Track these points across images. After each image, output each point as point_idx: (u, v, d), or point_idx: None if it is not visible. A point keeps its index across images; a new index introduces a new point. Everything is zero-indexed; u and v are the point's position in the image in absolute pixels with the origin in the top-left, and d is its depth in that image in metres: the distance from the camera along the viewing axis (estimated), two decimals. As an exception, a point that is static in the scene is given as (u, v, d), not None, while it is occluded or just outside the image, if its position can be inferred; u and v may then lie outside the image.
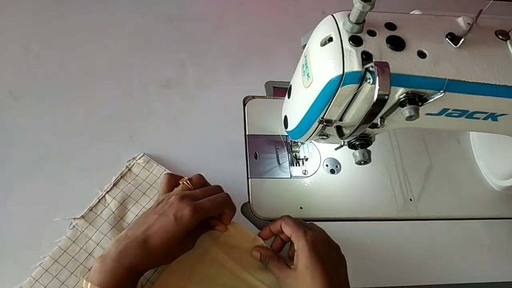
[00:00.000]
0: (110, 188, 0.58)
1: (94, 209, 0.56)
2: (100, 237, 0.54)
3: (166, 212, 0.47)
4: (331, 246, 0.51)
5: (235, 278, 0.53)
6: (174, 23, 0.78)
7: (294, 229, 0.50)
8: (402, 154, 0.69)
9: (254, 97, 0.71)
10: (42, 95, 0.66)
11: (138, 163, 0.60)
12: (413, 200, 0.66)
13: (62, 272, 0.51)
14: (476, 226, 0.65)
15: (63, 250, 0.52)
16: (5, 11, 0.74)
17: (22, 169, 0.60)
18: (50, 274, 0.51)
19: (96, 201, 0.57)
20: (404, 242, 0.62)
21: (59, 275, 0.51)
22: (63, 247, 0.53)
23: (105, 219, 0.55)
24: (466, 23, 0.45)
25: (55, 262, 0.52)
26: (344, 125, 0.51)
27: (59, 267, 0.51)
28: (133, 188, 0.58)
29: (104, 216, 0.56)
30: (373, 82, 0.41)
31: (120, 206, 0.57)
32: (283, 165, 0.65)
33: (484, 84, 0.44)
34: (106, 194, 0.57)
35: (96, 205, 0.56)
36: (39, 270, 0.51)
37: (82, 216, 0.55)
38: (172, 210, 0.47)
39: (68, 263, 0.52)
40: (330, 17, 0.46)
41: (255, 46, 0.78)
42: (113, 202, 0.57)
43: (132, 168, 0.60)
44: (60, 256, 0.52)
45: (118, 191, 0.58)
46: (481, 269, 0.61)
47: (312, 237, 0.49)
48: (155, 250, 0.45)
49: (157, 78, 0.71)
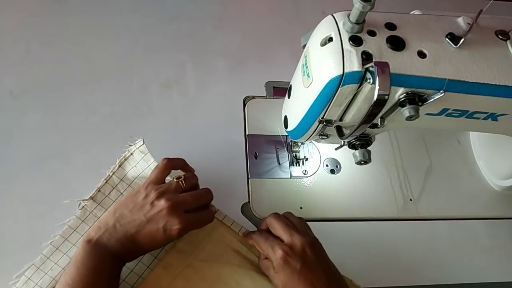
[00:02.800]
0: (117, 168, 0.58)
1: (102, 189, 0.57)
2: None
3: (155, 220, 0.47)
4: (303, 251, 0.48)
5: (242, 258, 0.53)
6: (174, 23, 0.78)
7: (263, 250, 0.50)
8: (402, 154, 0.69)
9: (254, 97, 0.71)
10: (42, 95, 0.66)
11: (139, 150, 0.59)
12: (413, 200, 0.65)
13: (72, 250, 0.52)
14: (476, 226, 0.65)
15: (73, 229, 0.54)
16: (5, 11, 0.74)
17: (22, 169, 0.60)
18: (60, 251, 0.52)
19: (103, 182, 0.57)
20: (404, 242, 0.62)
21: (69, 252, 0.52)
22: (73, 226, 0.54)
23: (113, 200, 0.56)
24: (466, 23, 0.45)
25: (65, 240, 0.53)
26: (344, 125, 0.51)
27: (69, 245, 0.53)
28: (138, 171, 0.59)
29: (113, 197, 0.56)
30: (373, 82, 0.41)
31: (128, 187, 0.57)
32: (283, 165, 0.65)
33: (484, 84, 0.44)
34: (114, 175, 0.58)
35: (104, 186, 0.57)
36: (50, 248, 0.52)
37: (90, 197, 0.56)
38: (162, 220, 0.47)
39: (77, 241, 0.53)
40: (330, 17, 0.46)
41: (255, 46, 0.78)
42: (121, 183, 0.57)
43: (134, 153, 0.59)
44: (70, 234, 0.53)
45: (124, 172, 0.58)
46: (481, 269, 0.61)
47: (282, 254, 0.47)
48: (143, 249, 0.48)
49: (157, 78, 0.71)
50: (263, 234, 0.52)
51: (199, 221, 0.51)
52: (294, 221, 0.52)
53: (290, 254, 0.47)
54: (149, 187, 0.50)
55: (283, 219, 0.52)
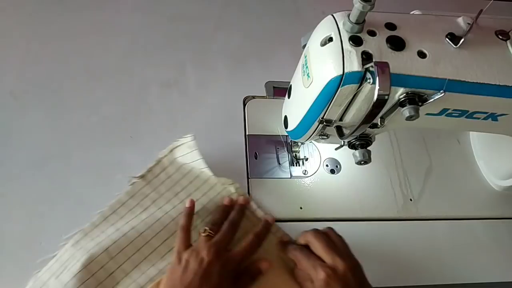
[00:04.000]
0: (168, 153, 0.60)
1: (152, 170, 0.59)
2: (156, 197, 0.57)
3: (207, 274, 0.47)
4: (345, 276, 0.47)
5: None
6: (174, 23, 0.78)
7: (305, 269, 0.50)
8: (402, 154, 0.69)
9: (254, 97, 0.71)
10: (42, 95, 0.66)
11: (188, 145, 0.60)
12: (413, 200, 0.65)
13: (118, 222, 0.54)
14: (476, 226, 0.65)
15: (121, 202, 0.56)
16: (5, 11, 0.74)
17: (22, 169, 0.60)
18: (108, 222, 0.54)
19: (154, 163, 0.59)
20: (404, 242, 0.62)
21: (116, 223, 0.54)
22: (122, 200, 0.56)
23: (162, 181, 0.58)
24: (466, 23, 0.45)
25: (113, 212, 0.55)
26: (344, 125, 0.51)
27: (116, 217, 0.55)
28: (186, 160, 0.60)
29: (162, 178, 0.59)
30: (373, 82, 0.41)
31: (176, 172, 0.59)
32: (283, 165, 0.65)
33: (484, 84, 0.44)
34: (164, 157, 0.60)
35: (155, 166, 0.59)
36: (99, 217, 0.55)
37: (141, 175, 0.58)
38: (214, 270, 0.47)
39: (125, 214, 0.55)
40: (330, 17, 0.46)
41: (255, 46, 0.78)
42: (170, 166, 0.59)
43: (183, 145, 0.61)
44: (118, 208, 0.55)
45: (174, 157, 0.60)
46: (481, 269, 0.61)
47: (324, 276, 0.47)
48: None
49: (157, 78, 0.71)
50: (304, 252, 0.51)
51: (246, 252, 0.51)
52: (335, 241, 0.51)
53: (332, 277, 0.47)
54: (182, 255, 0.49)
55: (324, 237, 0.51)
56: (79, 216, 0.56)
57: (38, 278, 0.50)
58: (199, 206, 0.56)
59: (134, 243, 0.52)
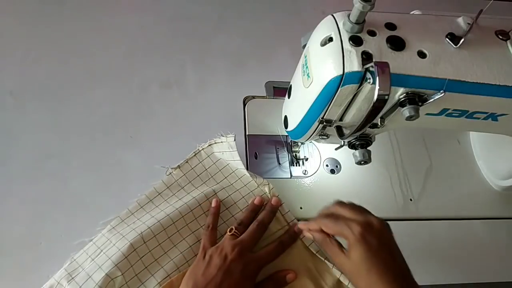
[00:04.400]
0: (206, 146, 0.61)
1: (189, 161, 0.60)
2: (191, 189, 0.58)
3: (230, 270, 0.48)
4: (382, 230, 0.46)
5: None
6: (174, 23, 0.78)
7: (336, 230, 0.47)
8: (402, 154, 0.69)
9: (254, 97, 0.71)
10: (42, 95, 0.66)
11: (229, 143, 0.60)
12: (413, 200, 0.65)
13: (154, 210, 0.56)
14: (476, 226, 0.65)
15: (158, 192, 0.57)
16: (5, 11, 0.74)
17: (22, 169, 0.60)
18: (144, 210, 0.56)
19: (192, 155, 0.60)
20: (404, 242, 0.62)
21: (151, 211, 0.55)
22: (158, 189, 0.57)
23: (198, 174, 0.59)
24: (466, 23, 0.45)
25: (150, 201, 0.56)
26: (344, 125, 0.51)
27: (152, 205, 0.56)
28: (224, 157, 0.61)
29: (198, 170, 0.59)
30: (373, 82, 0.41)
31: (212, 165, 0.60)
32: (283, 165, 0.65)
33: (484, 84, 0.44)
34: (202, 150, 0.60)
35: (192, 158, 0.60)
36: (135, 205, 0.56)
37: (178, 166, 0.59)
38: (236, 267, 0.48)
39: (160, 203, 0.56)
40: (330, 17, 0.46)
41: (255, 46, 0.78)
42: (207, 159, 0.60)
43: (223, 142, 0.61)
44: (155, 197, 0.57)
45: (212, 150, 0.61)
46: (481, 269, 0.61)
47: (360, 230, 0.44)
48: None
49: (157, 78, 0.71)
50: (331, 216, 0.48)
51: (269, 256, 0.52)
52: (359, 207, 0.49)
53: (369, 231, 0.44)
54: (207, 251, 0.50)
55: (348, 204, 0.49)
56: (79, 216, 0.57)
57: (74, 260, 0.51)
58: (230, 202, 0.57)
59: (166, 231, 0.53)
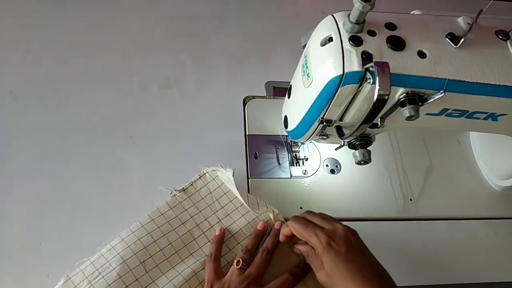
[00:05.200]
0: (211, 170, 0.59)
1: (194, 184, 0.58)
2: (195, 211, 0.56)
3: None
4: (346, 235, 0.48)
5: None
6: (174, 23, 0.78)
7: (305, 236, 0.49)
8: (402, 154, 0.69)
9: (254, 97, 0.71)
10: (42, 95, 0.66)
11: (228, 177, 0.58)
12: (413, 200, 0.65)
13: (155, 231, 0.53)
14: (476, 226, 0.65)
15: (161, 213, 0.55)
16: (5, 11, 0.74)
17: (22, 169, 0.60)
18: (145, 229, 0.53)
19: (197, 177, 0.58)
20: (404, 242, 0.62)
21: (152, 232, 0.53)
22: (161, 210, 0.55)
23: (203, 197, 0.57)
24: (466, 23, 0.45)
25: (152, 221, 0.54)
26: (344, 125, 0.51)
27: (154, 226, 0.54)
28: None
29: (202, 193, 0.58)
30: (373, 82, 0.41)
31: (217, 188, 0.58)
32: (283, 165, 0.65)
33: (484, 84, 0.44)
34: (207, 173, 0.59)
35: (197, 181, 0.58)
36: (136, 224, 0.53)
37: (183, 188, 0.57)
38: None
39: (162, 225, 0.54)
40: (330, 17, 0.46)
41: (255, 46, 0.78)
42: (212, 182, 0.58)
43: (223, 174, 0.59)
44: (157, 217, 0.55)
45: (216, 174, 0.59)
46: (481, 269, 0.61)
47: (326, 238, 0.47)
48: None
49: (157, 78, 0.71)
50: (302, 221, 0.50)
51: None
52: (326, 215, 0.52)
53: (334, 239, 0.47)
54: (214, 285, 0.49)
55: (317, 213, 0.51)
56: (79, 216, 0.57)
57: (69, 279, 0.49)
58: (236, 229, 0.55)
59: (169, 260, 0.52)
